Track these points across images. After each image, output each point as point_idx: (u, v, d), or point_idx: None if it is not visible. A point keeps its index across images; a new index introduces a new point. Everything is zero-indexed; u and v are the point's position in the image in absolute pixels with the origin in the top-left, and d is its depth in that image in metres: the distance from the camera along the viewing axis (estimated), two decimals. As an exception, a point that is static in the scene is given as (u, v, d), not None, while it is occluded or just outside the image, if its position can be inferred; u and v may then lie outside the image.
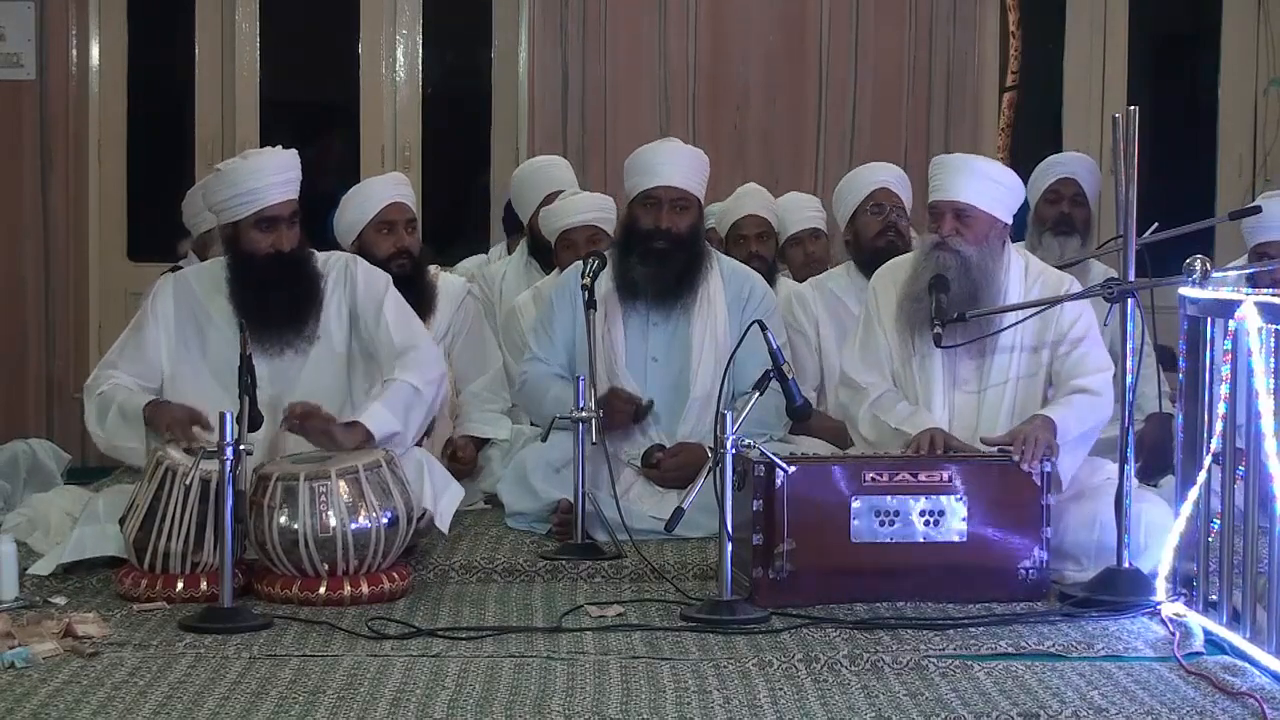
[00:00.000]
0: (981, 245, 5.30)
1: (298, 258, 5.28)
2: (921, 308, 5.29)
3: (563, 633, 4.60)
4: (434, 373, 5.31)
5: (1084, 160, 6.89)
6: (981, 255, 5.29)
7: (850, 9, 8.34)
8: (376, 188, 6.21)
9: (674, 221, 5.85)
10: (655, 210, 5.86)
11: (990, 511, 4.96)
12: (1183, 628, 4.59)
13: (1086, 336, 5.30)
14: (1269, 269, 5.59)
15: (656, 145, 6.03)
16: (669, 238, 5.85)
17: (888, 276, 5.55)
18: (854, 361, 5.48)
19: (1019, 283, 5.38)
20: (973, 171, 5.33)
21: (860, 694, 4.05)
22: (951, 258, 5.26)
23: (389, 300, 5.37)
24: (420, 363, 5.27)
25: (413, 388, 5.20)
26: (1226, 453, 4.58)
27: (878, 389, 5.39)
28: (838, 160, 8.26)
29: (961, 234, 5.29)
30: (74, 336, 8.41)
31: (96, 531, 5.12)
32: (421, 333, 5.44)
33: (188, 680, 4.09)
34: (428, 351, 5.36)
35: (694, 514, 4.98)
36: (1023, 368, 5.35)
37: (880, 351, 5.45)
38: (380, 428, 5.07)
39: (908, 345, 5.39)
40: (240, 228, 5.25)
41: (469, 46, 8.88)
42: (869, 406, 5.37)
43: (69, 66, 8.38)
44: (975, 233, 5.30)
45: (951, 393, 5.36)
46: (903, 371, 5.42)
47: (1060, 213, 6.65)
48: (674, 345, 5.94)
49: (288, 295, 5.24)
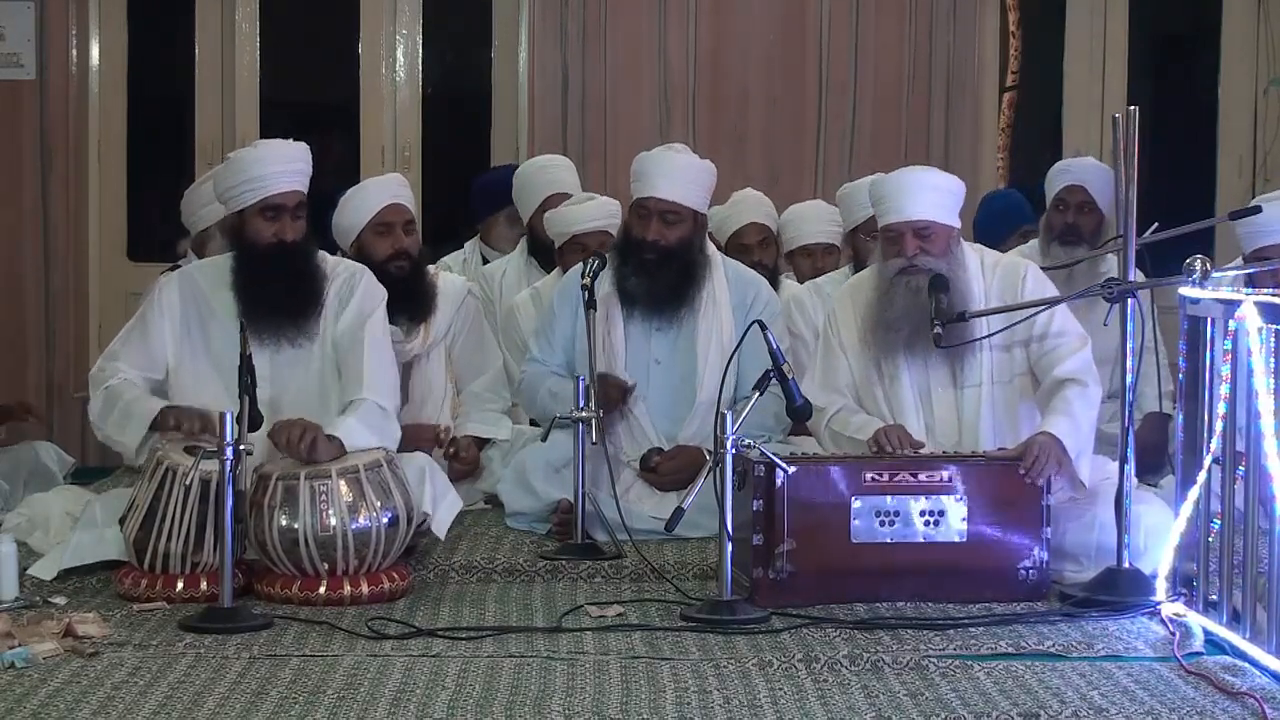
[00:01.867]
0: (946, 256, 5.30)
1: (302, 250, 5.29)
2: (894, 336, 5.27)
3: (563, 633, 4.60)
4: (394, 402, 5.33)
5: (1093, 166, 6.80)
6: (950, 266, 5.29)
7: (850, 9, 8.34)
8: (374, 189, 6.19)
9: (662, 234, 5.83)
10: (646, 220, 5.85)
11: (990, 512, 4.97)
12: (1183, 628, 4.59)
13: (1060, 326, 5.29)
14: (1269, 269, 5.58)
15: (656, 154, 5.96)
16: (657, 250, 5.84)
17: (846, 298, 5.53)
18: (813, 388, 5.42)
19: (978, 279, 5.38)
20: (921, 186, 5.30)
21: (860, 694, 4.05)
22: (921, 279, 5.24)
23: (374, 320, 5.35)
24: (385, 389, 5.27)
25: (381, 409, 5.20)
26: (1226, 453, 4.58)
27: (835, 405, 5.39)
28: (838, 161, 8.26)
29: (926, 250, 5.27)
30: (74, 337, 8.41)
31: (94, 536, 5.12)
32: (392, 364, 5.43)
33: (188, 680, 4.09)
34: (393, 382, 5.37)
35: (694, 514, 4.99)
36: (997, 368, 5.35)
37: (839, 375, 5.45)
38: (356, 443, 5.05)
39: (875, 366, 5.38)
40: (245, 216, 5.29)
41: (469, 46, 8.88)
42: (826, 423, 5.38)
43: (69, 66, 8.39)
44: (937, 246, 5.29)
45: (928, 400, 5.36)
46: (871, 388, 5.40)
47: (1065, 222, 6.62)
48: (678, 349, 5.94)
49: (289, 286, 5.24)
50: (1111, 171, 6.93)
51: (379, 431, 5.13)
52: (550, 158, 7.34)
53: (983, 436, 5.30)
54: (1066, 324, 5.31)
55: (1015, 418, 5.32)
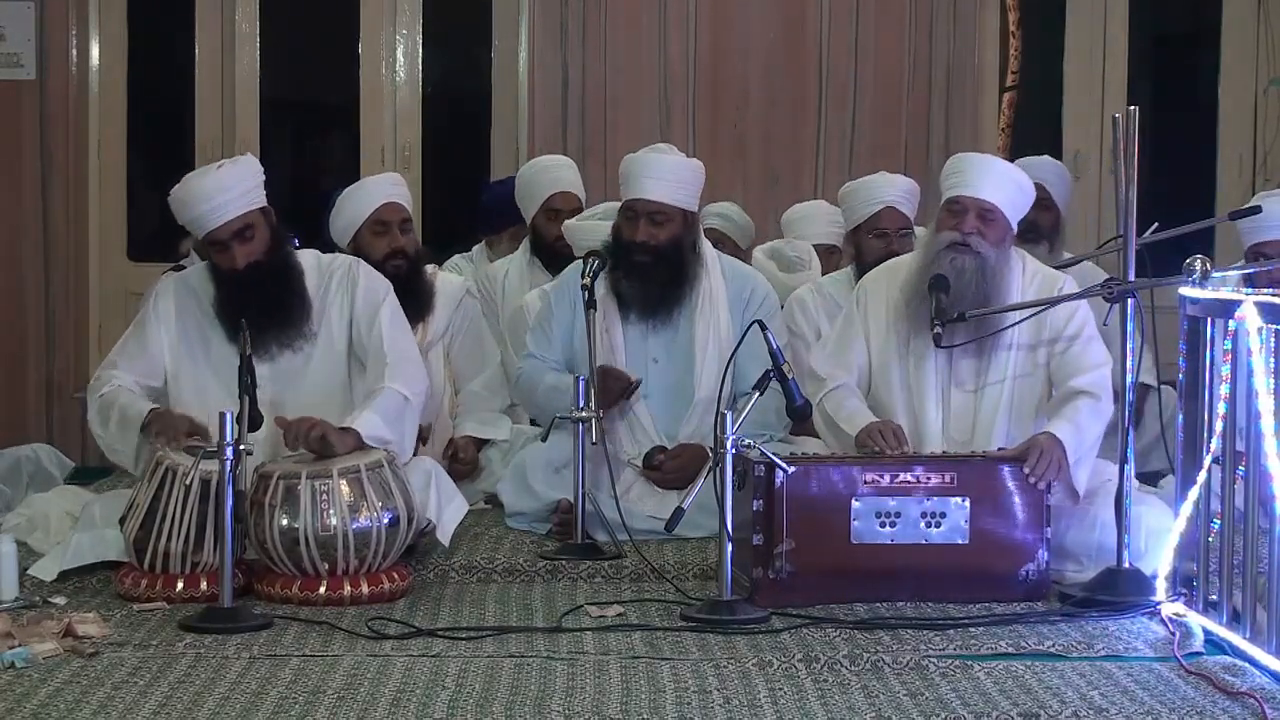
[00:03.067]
0: (999, 247, 5.30)
1: (265, 266, 5.24)
2: (923, 325, 5.26)
3: (563, 633, 4.60)
4: (421, 385, 5.34)
5: (1047, 164, 6.86)
6: (998, 259, 5.28)
7: (850, 9, 8.34)
8: (371, 188, 6.18)
9: (651, 234, 5.83)
10: (634, 222, 5.85)
11: (991, 512, 4.96)
12: (1183, 628, 4.59)
13: (1082, 333, 5.29)
14: (1269, 269, 5.58)
15: (641, 155, 5.95)
16: (647, 250, 5.83)
17: (882, 278, 5.53)
18: (822, 356, 5.45)
19: (1018, 282, 5.38)
20: (999, 172, 5.35)
21: (860, 694, 4.05)
22: (969, 260, 5.24)
23: (386, 308, 5.36)
24: (409, 375, 5.27)
25: (402, 396, 5.20)
26: (1226, 453, 4.58)
27: (836, 380, 5.35)
28: (838, 160, 8.26)
29: (983, 234, 5.27)
30: (74, 337, 8.41)
31: (94, 538, 5.12)
32: (412, 345, 5.44)
33: (188, 680, 4.09)
34: (416, 364, 5.38)
35: (694, 514, 4.99)
36: (1019, 366, 5.34)
37: (853, 351, 5.44)
38: (372, 433, 5.06)
39: (902, 345, 5.37)
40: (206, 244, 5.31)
41: (469, 46, 8.88)
42: (821, 399, 5.34)
43: (69, 66, 8.38)
44: (995, 234, 5.29)
45: (948, 392, 5.36)
46: (893, 372, 5.40)
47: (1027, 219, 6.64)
48: (676, 347, 5.94)
49: (262, 307, 5.17)
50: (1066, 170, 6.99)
51: (395, 423, 5.13)
52: (553, 158, 7.33)
53: (996, 436, 5.29)
54: (1094, 337, 5.29)
55: (1030, 418, 5.30)
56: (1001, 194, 5.31)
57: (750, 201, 7.91)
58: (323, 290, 5.38)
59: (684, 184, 5.89)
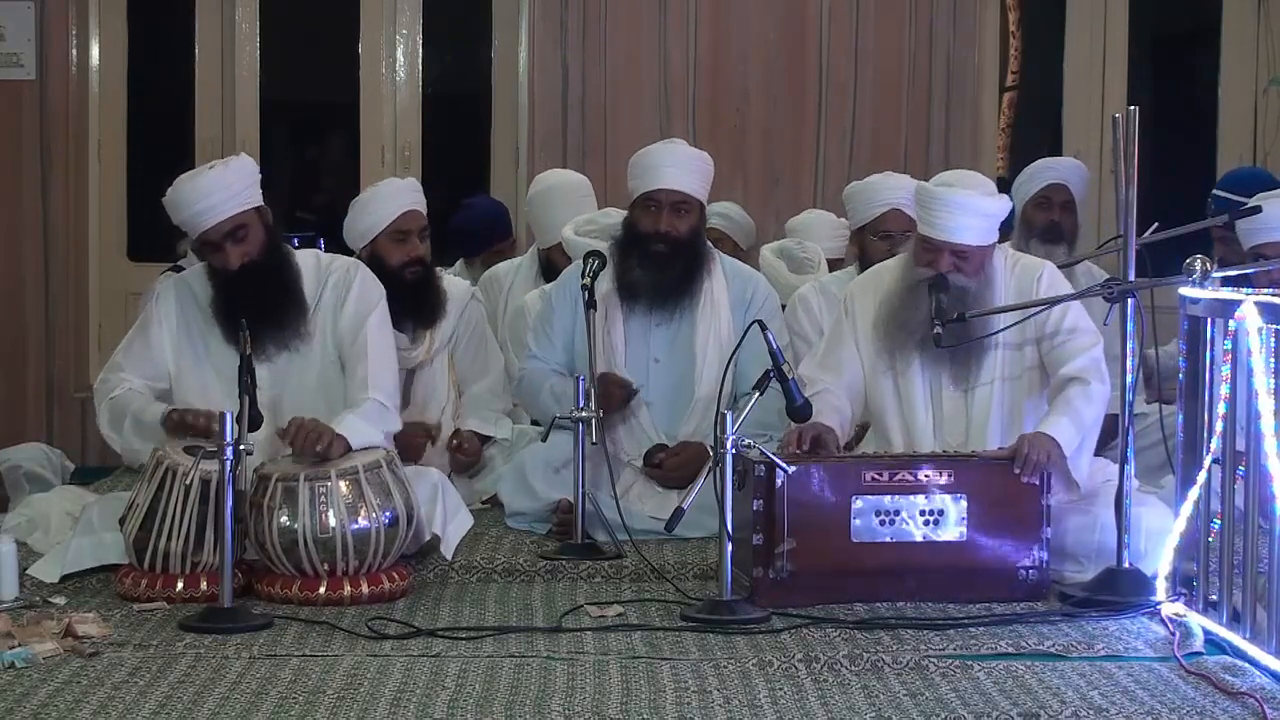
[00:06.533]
0: (979, 275, 5.28)
1: (258, 267, 5.23)
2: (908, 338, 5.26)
3: (563, 633, 4.60)
4: (396, 394, 5.38)
5: (1077, 166, 6.85)
6: (980, 285, 5.28)
7: (850, 9, 8.34)
8: (392, 195, 6.10)
9: (674, 225, 5.85)
10: (656, 213, 5.86)
11: (990, 512, 4.97)
12: (1183, 628, 4.59)
13: (1067, 324, 5.27)
14: (1269, 269, 5.58)
15: (659, 147, 6.00)
16: (669, 241, 5.85)
17: (868, 288, 5.51)
18: (810, 361, 5.46)
19: (1002, 278, 5.37)
20: (966, 210, 5.20)
21: (860, 694, 4.06)
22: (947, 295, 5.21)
23: (375, 317, 5.34)
24: (388, 389, 5.28)
25: (383, 406, 5.22)
26: (1226, 453, 4.58)
27: (818, 385, 5.33)
28: (838, 160, 8.26)
29: (960, 269, 5.25)
30: (74, 337, 8.41)
31: (93, 541, 5.12)
32: (392, 360, 5.43)
33: (188, 680, 4.09)
34: (393, 373, 5.39)
35: (694, 514, 4.99)
36: (1008, 367, 5.34)
37: (840, 359, 5.44)
38: (360, 441, 5.06)
39: (887, 359, 5.37)
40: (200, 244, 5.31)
41: (469, 46, 8.88)
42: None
43: (69, 66, 8.38)
44: (973, 266, 5.27)
45: (938, 396, 5.35)
46: (883, 378, 5.40)
47: (1050, 220, 6.63)
48: (677, 346, 5.94)
49: (256, 303, 5.16)
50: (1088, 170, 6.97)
51: (379, 424, 5.15)
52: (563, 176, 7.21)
53: (990, 436, 5.29)
54: (1079, 321, 5.27)
55: (1023, 416, 5.30)
56: (973, 233, 5.22)
57: (750, 201, 7.92)
58: (319, 291, 5.37)
59: (702, 175, 5.93)
